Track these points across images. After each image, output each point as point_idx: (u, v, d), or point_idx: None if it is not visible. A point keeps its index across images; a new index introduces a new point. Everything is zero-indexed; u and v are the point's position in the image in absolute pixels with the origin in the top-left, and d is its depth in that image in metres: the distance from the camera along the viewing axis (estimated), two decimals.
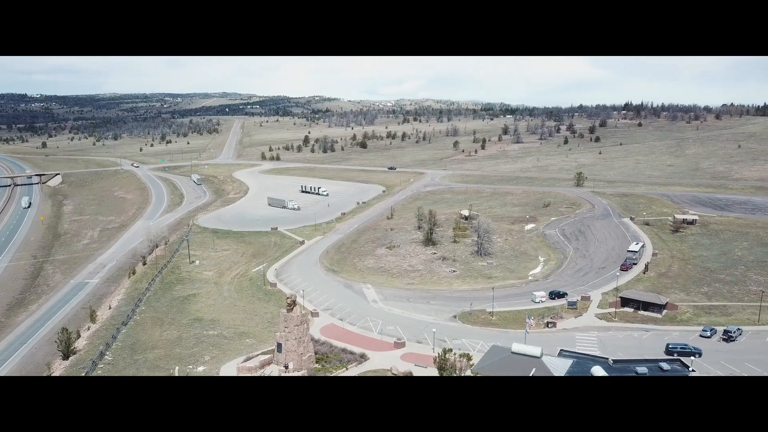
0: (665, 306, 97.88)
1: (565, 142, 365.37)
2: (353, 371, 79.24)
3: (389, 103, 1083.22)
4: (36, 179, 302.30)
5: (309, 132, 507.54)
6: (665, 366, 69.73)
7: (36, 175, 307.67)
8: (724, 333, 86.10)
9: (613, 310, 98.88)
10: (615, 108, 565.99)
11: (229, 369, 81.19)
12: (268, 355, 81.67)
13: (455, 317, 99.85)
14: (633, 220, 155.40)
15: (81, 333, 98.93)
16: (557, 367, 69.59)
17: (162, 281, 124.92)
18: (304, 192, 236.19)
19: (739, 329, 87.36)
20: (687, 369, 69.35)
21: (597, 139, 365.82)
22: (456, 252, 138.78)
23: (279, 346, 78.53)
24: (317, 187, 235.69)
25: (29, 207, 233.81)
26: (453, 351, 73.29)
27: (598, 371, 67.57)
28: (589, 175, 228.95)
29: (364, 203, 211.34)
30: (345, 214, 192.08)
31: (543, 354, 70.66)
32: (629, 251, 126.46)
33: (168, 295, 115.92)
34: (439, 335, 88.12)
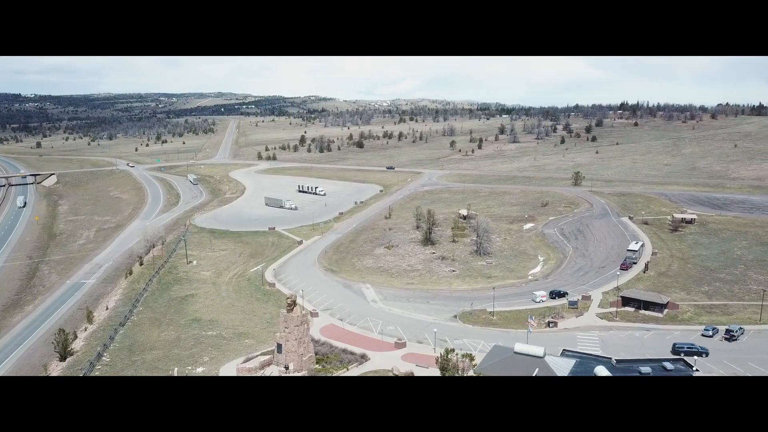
0: (666, 305, 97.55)
1: (562, 141, 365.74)
2: (354, 372, 78.53)
3: (385, 103, 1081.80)
4: (31, 179, 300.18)
5: (305, 132, 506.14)
6: (669, 366, 69.26)
7: (31, 175, 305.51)
8: (726, 332, 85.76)
9: (614, 309, 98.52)
10: (611, 108, 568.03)
11: (229, 370, 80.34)
12: (268, 356, 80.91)
13: (456, 317, 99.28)
14: (632, 219, 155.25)
15: (78, 334, 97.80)
16: (560, 367, 69.08)
17: (159, 281, 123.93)
18: (301, 192, 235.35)
19: (741, 328, 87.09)
20: (691, 369, 68.92)
21: (593, 139, 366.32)
22: (455, 251, 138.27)
23: (279, 346, 77.81)
24: (314, 187, 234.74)
25: (24, 206, 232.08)
26: (455, 351, 72.73)
27: (601, 371, 67.08)
28: (587, 175, 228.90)
29: (361, 203, 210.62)
30: (343, 213, 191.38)
31: (546, 354, 70.18)
32: (629, 250, 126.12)
33: (166, 296, 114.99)
34: (440, 335, 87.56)
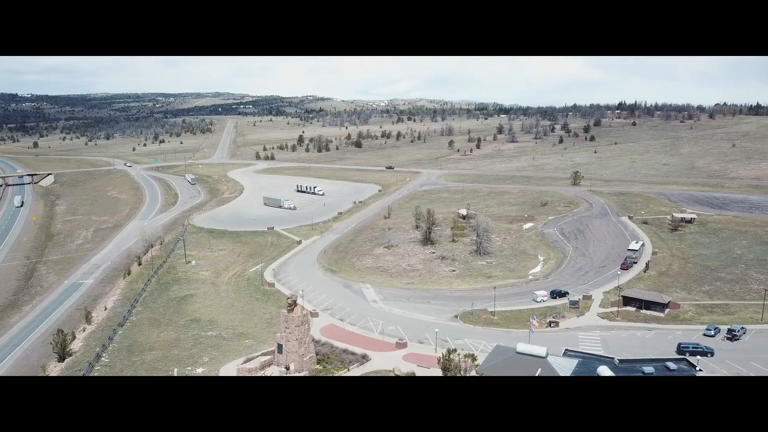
0: (668, 305, 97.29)
1: (560, 141, 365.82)
2: (355, 372, 78.04)
3: (383, 103, 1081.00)
4: (28, 179, 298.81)
5: (303, 131, 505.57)
6: (672, 366, 68.89)
7: (28, 175, 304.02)
8: (728, 332, 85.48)
9: (616, 309, 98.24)
10: (609, 107, 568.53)
11: (229, 370, 79.78)
12: (268, 356, 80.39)
13: (456, 317, 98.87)
14: (631, 218, 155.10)
15: (76, 334, 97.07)
16: (563, 368, 68.62)
17: (158, 282, 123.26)
18: (299, 191, 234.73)
19: (743, 328, 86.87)
20: (694, 369, 68.57)
21: (592, 139, 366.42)
22: (455, 251, 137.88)
23: (280, 347, 77.32)
24: (313, 187, 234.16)
25: (22, 206, 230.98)
26: (457, 351, 72.31)
27: (604, 371, 66.64)
28: (585, 174, 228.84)
29: (360, 203, 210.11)
30: (342, 213, 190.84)
31: (548, 354, 69.76)
32: (629, 250, 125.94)
33: (164, 296, 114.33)
34: (441, 335, 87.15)
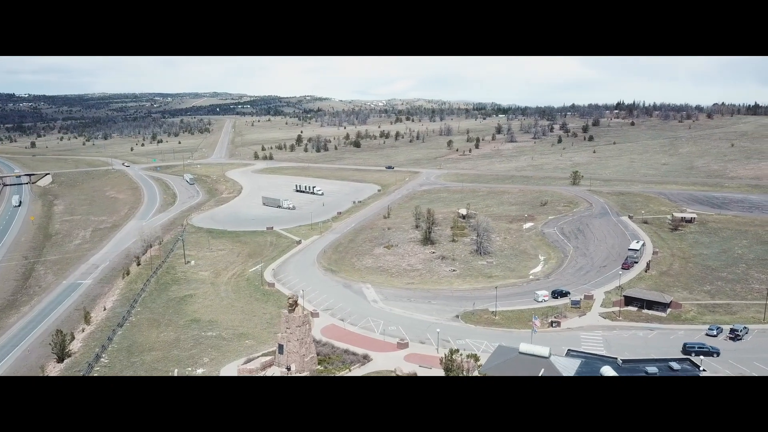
0: (669, 305, 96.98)
1: (559, 141, 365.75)
2: (357, 372, 77.60)
3: (381, 103, 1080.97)
4: (25, 179, 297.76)
5: (301, 131, 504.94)
6: (675, 366, 68.68)
7: (25, 175, 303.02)
8: (730, 332, 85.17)
9: (617, 309, 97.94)
10: (607, 107, 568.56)
11: (229, 371, 79.25)
12: (269, 357, 79.90)
13: (458, 317, 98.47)
14: (631, 218, 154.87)
15: (75, 335, 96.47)
16: (566, 368, 68.35)
17: (157, 282, 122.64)
18: (298, 191, 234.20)
19: (746, 328, 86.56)
20: (698, 369, 68.30)
21: (590, 138, 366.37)
22: (455, 251, 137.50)
23: (280, 347, 76.83)
24: (312, 187, 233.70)
25: (19, 206, 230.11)
26: (459, 351, 71.89)
27: (607, 371, 66.42)
28: (585, 174, 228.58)
29: (360, 202, 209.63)
30: (341, 213, 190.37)
31: (551, 354, 69.45)
32: (630, 249, 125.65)
33: (164, 296, 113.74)
34: (443, 335, 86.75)
